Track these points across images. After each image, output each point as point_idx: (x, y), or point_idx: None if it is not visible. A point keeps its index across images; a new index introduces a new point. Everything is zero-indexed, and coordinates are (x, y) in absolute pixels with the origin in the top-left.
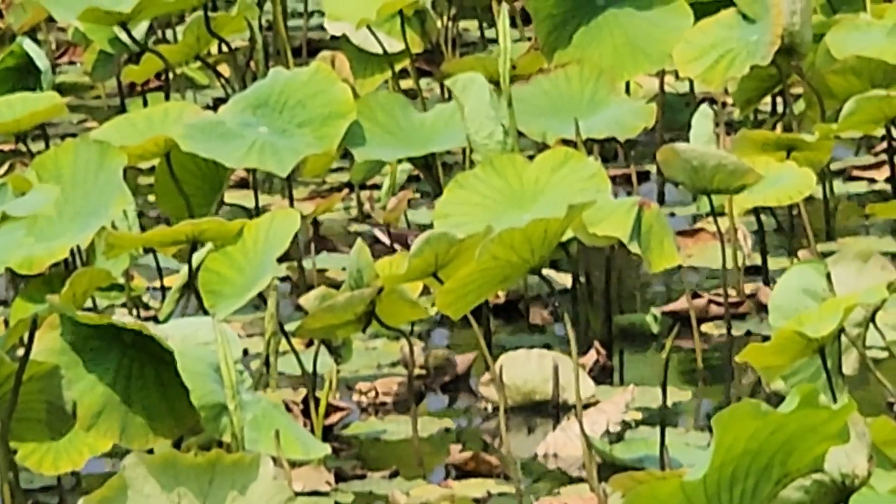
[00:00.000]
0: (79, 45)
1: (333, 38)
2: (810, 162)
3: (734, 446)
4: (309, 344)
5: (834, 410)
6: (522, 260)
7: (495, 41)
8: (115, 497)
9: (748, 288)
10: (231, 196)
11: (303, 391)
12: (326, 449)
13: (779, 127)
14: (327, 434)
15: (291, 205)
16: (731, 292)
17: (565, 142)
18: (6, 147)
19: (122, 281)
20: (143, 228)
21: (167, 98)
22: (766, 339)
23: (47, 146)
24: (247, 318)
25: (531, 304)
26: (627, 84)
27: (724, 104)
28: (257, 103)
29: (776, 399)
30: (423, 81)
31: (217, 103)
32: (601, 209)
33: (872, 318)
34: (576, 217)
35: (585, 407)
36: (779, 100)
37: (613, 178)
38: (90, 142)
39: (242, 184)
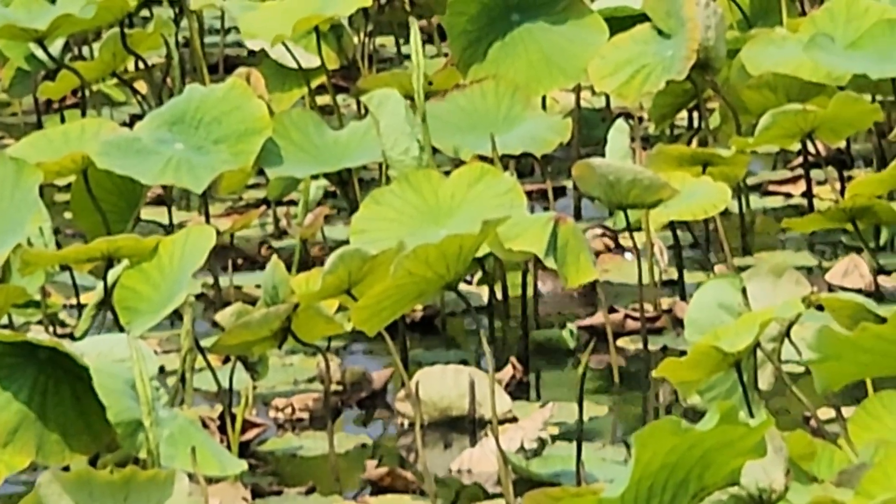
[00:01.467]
0: None
1: (251, 53)
2: (726, 176)
3: (652, 462)
4: (225, 360)
5: (751, 426)
6: (438, 276)
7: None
8: None
9: (664, 303)
10: (148, 213)
11: (219, 407)
12: (243, 465)
13: (694, 142)
14: (244, 450)
15: (208, 221)
16: (648, 307)
17: (481, 157)
18: None
19: (38, 298)
20: (59, 245)
21: (84, 115)
22: (682, 353)
23: None
24: (163, 334)
25: (447, 320)
26: (543, 99)
27: (639, 119)
28: (173, 120)
29: (693, 413)
30: (340, 97)
31: (134, 120)
32: (517, 224)
33: (788, 333)
34: (491, 232)
35: (502, 422)
36: (694, 115)
37: (529, 194)
38: (6, 158)
39: (159, 200)
